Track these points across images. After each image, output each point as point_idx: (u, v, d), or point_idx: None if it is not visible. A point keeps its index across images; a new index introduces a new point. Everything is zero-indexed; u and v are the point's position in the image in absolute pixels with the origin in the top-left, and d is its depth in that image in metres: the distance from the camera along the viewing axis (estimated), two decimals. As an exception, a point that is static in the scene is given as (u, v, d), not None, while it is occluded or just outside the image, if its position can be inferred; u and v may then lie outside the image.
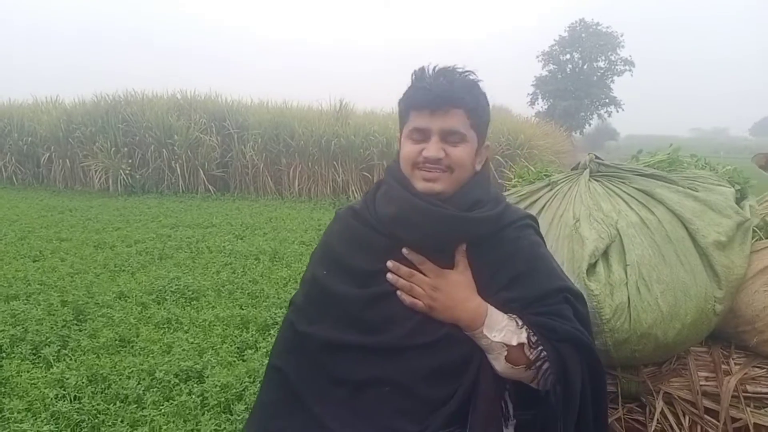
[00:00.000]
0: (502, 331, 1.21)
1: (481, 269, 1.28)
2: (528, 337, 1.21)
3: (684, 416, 1.55)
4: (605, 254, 1.53)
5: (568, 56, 41.86)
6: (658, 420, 1.55)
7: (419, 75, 1.29)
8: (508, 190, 1.99)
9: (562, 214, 1.68)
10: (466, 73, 1.29)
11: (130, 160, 12.99)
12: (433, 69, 1.27)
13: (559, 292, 1.27)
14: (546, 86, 41.76)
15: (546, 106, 40.97)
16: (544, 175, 1.97)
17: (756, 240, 1.68)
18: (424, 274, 1.27)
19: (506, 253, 1.29)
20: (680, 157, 1.86)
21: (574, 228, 1.58)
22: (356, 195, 12.34)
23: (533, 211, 1.77)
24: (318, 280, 1.37)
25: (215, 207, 10.90)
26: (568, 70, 41.73)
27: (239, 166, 13.08)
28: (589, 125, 43.64)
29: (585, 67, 41.20)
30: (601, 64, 41.31)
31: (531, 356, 1.21)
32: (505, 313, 1.24)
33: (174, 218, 9.22)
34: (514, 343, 1.20)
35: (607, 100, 41.32)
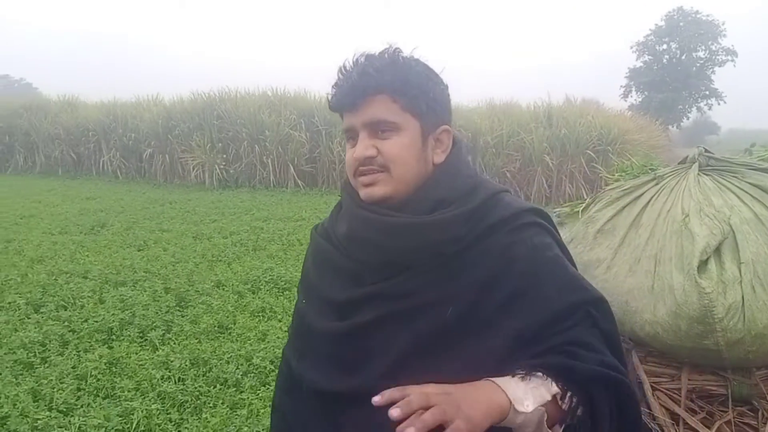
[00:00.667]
0: (528, 393, 0.90)
1: (463, 293, 0.99)
2: (557, 385, 0.92)
3: (800, 422, 1.48)
4: (717, 251, 1.48)
5: (664, 46, 39.79)
6: (772, 425, 1.48)
7: (338, 72, 1.08)
8: (610, 184, 1.95)
9: (669, 209, 1.63)
10: (391, 52, 1.05)
11: (224, 155, 13.58)
12: (356, 59, 1.06)
13: (574, 308, 0.98)
14: (640, 78, 39.88)
15: (640, 99, 39.15)
16: (650, 168, 1.91)
17: None
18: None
19: (496, 267, 1.00)
20: (798, 151, 1.76)
21: (683, 223, 1.53)
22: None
23: (637, 207, 1.73)
24: (299, 310, 1.22)
25: (304, 201, 11.22)
26: (664, 60, 39.68)
27: (327, 161, 13.37)
28: (688, 119, 41.34)
29: (683, 57, 39.04)
30: (701, 54, 38.98)
31: (564, 406, 0.92)
32: (512, 348, 0.96)
33: (266, 211, 9.56)
34: (549, 397, 0.91)
35: (707, 92, 38.95)
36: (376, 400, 0.84)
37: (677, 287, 1.46)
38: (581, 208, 1.96)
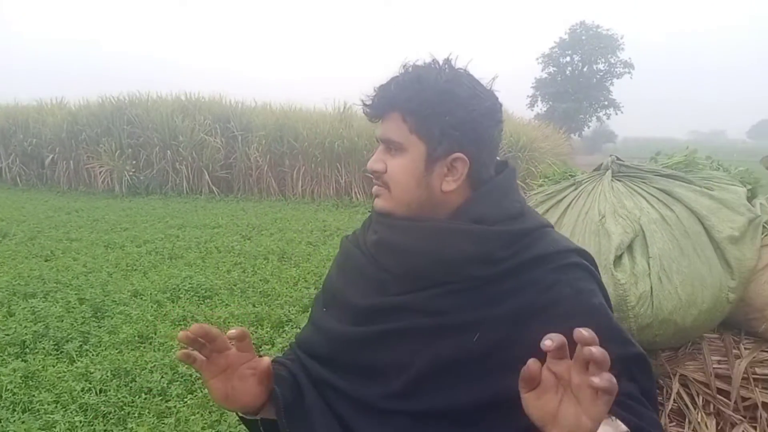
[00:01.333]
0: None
1: (495, 323, 0.93)
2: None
3: (698, 396, 1.68)
4: (629, 247, 1.66)
5: (568, 58, 42.07)
6: (674, 400, 1.68)
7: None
8: (535, 189, 2.12)
9: (587, 211, 1.80)
10: (434, 67, 1.01)
11: (134, 161, 13.07)
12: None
13: (615, 362, 0.76)
14: (546, 88, 41.96)
15: (545, 109, 41.16)
16: (569, 175, 2.09)
17: (766, 235, 1.81)
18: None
19: (537, 303, 0.92)
20: (696, 159, 1.99)
21: (600, 224, 1.71)
22: (359, 197, 12.47)
23: (559, 209, 1.89)
24: (316, 320, 1.18)
25: (220, 208, 11.01)
26: (567, 72, 41.94)
27: (243, 167, 13.18)
28: (588, 127, 43.89)
29: (585, 69, 41.41)
30: (601, 66, 41.53)
31: None
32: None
33: (180, 219, 9.32)
34: None
35: (606, 103, 41.53)
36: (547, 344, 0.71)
37: (595, 280, 1.63)
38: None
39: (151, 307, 4.73)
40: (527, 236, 0.99)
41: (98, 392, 3.22)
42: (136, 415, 3.06)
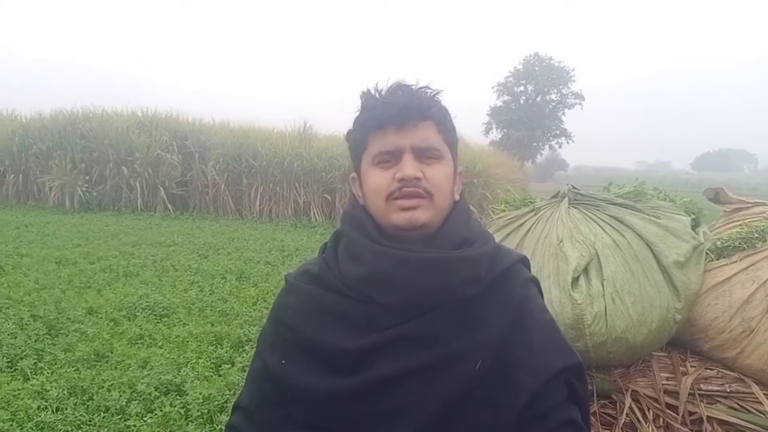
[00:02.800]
0: None
1: (488, 342, 0.99)
2: None
3: (649, 411, 1.80)
4: (585, 270, 1.78)
5: (522, 88, 43.23)
6: (626, 414, 1.79)
7: (370, 94, 1.06)
8: (497, 214, 2.23)
9: (546, 235, 1.92)
10: (423, 87, 1.06)
11: (87, 177, 12.83)
12: (387, 87, 1.05)
13: (563, 372, 0.99)
14: (500, 116, 42.94)
15: (500, 136, 42.08)
16: (529, 201, 2.21)
17: (708, 261, 1.96)
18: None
19: (515, 318, 1.01)
20: (645, 189, 2.14)
21: (558, 247, 1.82)
22: (317, 217, 12.49)
23: (520, 234, 2.01)
24: (273, 373, 1.06)
25: (176, 226, 10.86)
26: (521, 101, 43.07)
27: (199, 185, 13.07)
28: (541, 155, 45.03)
29: (538, 98, 42.59)
30: (553, 96, 42.81)
31: None
32: (522, 408, 0.96)
33: (135, 236, 9.17)
34: None
35: (558, 132, 42.75)
36: None
37: (555, 300, 1.74)
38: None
39: (107, 324, 4.66)
40: (494, 251, 1.07)
41: (55, 410, 3.17)
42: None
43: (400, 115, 1.00)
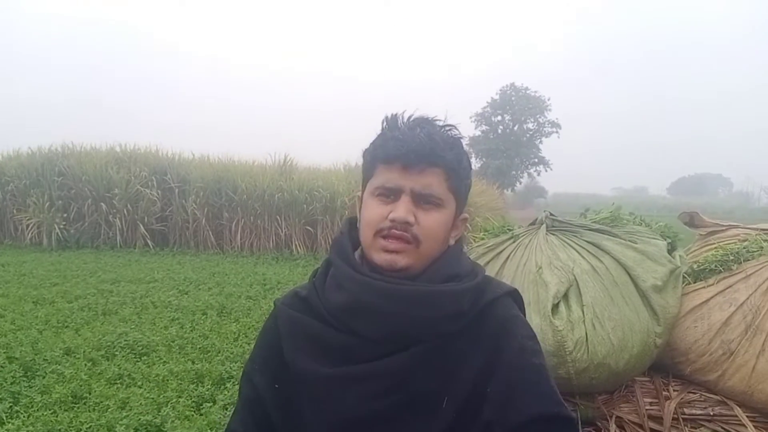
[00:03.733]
0: None
1: (460, 384, 0.99)
2: None
3: (633, 436, 1.79)
4: (565, 296, 1.78)
5: (499, 117, 43.92)
6: (612, 441, 1.78)
7: (392, 123, 1.06)
8: (476, 242, 2.24)
9: (525, 262, 1.93)
10: (448, 128, 1.06)
11: (65, 214, 12.68)
12: (409, 117, 1.05)
13: (547, 422, 0.95)
14: (479, 146, 43.47)
15: (479, 165, 42.53)
16: (507, 229, 2.23)
17: (686, 284, 1.98)
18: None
19: (489, 356, 1.00)
20: (621, 215, 2.17)
21: (537, 274, 1.83)
22: (299, 249, 12.43)
23: (499, 261, 2.02)
24: (263, 398, 1.08)
25: (155, 262, 10.73)
26: (499, 130, 43.72)
27: (180, 220, 12.97)
28: (520, 183, 45.54)
29: (515, 128, 43.30)
30: (530, 125, 43.52)
31: None
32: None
33: (114, 273, 9.04)
34: None
35: (536, 160, 43.37)
36: None
37: (535, 327, 1.72)
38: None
39: (85, 365, 4.56)
40: (481, 285, 1.06)
41: (30, 456, 3.07)
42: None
43: (407, 156, 1.00)
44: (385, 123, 1.07)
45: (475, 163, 43.37)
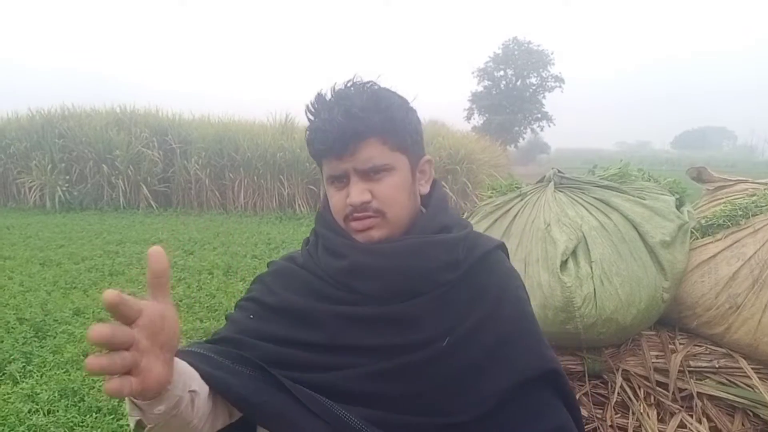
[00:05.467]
0: None
1: (461, 328, 0.99)
2: None
3: (640, 389, 1.83)
4: (573, 253, 1.79)
5: (502, 72, 43.20)
6: (618, 393, 1.82)
7: (315, 110, 1.02)
8: (483, 200, 2.24)
9: (533, 220, 1.93)
10: (366, 87, 1.02)
11: (67, 176, 12.67)
12: (330, 98, 1.01)
13: (552, 378, 1.00)
14: (481, 101, 42.90)
15: (482, 121, 42.11)
16: (515, 186, 2.22)
17: (693, 239, 1.98)
18: None
19: (490, 307, 1.01)
20: (629, 171, 2.16)
21: (546, 231, 1.84)
22: (302, 208, 12.45)
23: (507, 219, 2.02)
24: (242, 329, 1.06)
25: (159, 222, 10.77)
26: (502, 86, 43.05)
27: (182, 180, 12.95)
28: (523, 139, 45.10)
29: (518, 83, 42.61)
30: (533, 80, 42.84)
31: None
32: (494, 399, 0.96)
33: (119, 234, 9.08)
34: None
35: (539, 115, 42.84)
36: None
37: (544, 284, 1.75)
38: (460, 221, 2.23)
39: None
40: (472, 236, 1.08)
41: (46, 413, 3.14)
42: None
43: (333, 147, 0.98)
44: (307, 111, 1.03)
45: (478, 120, 42.99)
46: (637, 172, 2.19)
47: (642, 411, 1.76)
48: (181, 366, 0.83)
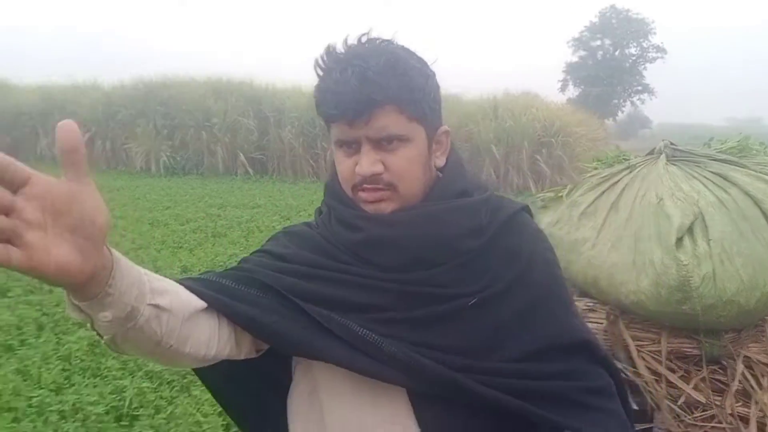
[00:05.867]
0: None
1: (489, 289, 0.95)
2: None
3: (763, 377, 1.73)
4: (689, 230, 1.70)
5: (598, 42, 41.24)
6: (739, 380, 1.74)
7: (325, 67, 0.93)
8: (589, 172, 2.18)
9: (644, 194, 1.85)
10: (383, 47, 0.93)
11: (170, 142, 13.40)
12: (341, 56, 0.92)
13: (584, 347, 0.97)
14: (577, 72, 41.24)
15: (577, 93, 40.52)
16: (623, 158, 2.15)
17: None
18: None
19: (521, 269, 0.96)
20: (750, 145, 2.03)
21: (658, 206, 1.76)
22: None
23: (615, 192, 1.95)
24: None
25: (257, 188, 11.23)
26: (599, 56, 41.14)
27: (277, 149, 13.38)
28: (622, 112, 43.05)
29: (616, 53, 40.57)
30: (633, 50, 40.67)
31: None
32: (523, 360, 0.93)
33: (219, 198, 9.54)
34: None
35: (639, 88, 40.71)
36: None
37: (657, 261, 1.68)
38: (565, 193, 2.18)
39: (202, 283, 4.90)
40: (494, 200, 1.02)
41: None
42: (199, 383, 3.22)
43: (346, 112, 0.89)
44: (317, 66, 0.94)
45: (573, 91, 41.39)
46: (758, 146, 2.05)
47: (767, 401, 1.68)
48: (138, 276, 0.77)
